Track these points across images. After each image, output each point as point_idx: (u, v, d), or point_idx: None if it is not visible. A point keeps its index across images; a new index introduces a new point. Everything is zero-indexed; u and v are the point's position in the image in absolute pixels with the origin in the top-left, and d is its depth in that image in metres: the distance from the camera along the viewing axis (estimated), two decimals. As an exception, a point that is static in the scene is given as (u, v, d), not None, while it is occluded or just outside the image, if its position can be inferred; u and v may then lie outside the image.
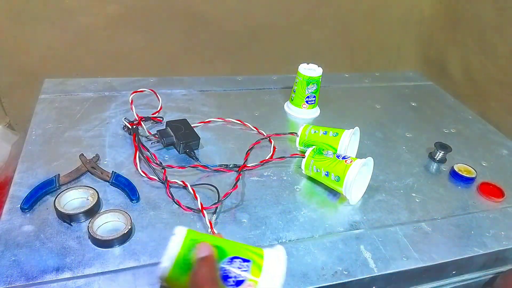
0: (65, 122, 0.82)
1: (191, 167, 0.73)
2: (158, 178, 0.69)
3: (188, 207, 0.64)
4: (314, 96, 0.95)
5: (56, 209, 0.59)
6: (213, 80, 1.07)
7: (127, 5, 1.06)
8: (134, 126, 0.79)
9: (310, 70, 0.92)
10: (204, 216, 0.62)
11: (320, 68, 0.94)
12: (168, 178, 0.69)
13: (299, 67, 0.94)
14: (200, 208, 0.63)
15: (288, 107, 0.98)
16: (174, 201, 0.65)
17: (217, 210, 0.65)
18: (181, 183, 0.69)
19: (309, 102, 0.95)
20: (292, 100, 0.97)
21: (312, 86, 0.93)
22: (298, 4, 1.21)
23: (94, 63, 1.12)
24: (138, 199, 0.65)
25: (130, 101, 0.83)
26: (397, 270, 0.60)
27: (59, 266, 0.53)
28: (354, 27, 1.31)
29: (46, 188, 0.63)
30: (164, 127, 0.81)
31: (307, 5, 1.22)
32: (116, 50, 1.12)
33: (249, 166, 0.76)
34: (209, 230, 0.60)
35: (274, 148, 0.83)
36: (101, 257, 0.55)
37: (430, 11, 1.34)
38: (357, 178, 0.67)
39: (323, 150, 0.75)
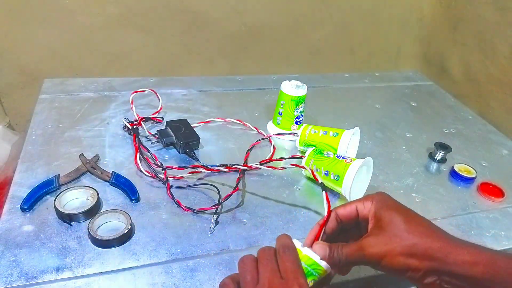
0: (65, 122, 0.82)
1: (191, 167, 0.73)
2: (159, 178, 0.69)
3: (188, 207, 0.64)
4: (302, 115, 0.86)
5: (56, 209, 0.59)
6: (213, 80, 1.07)
7: (127, 5, 1.06)
8: (134, 126, 0.79)
9: (296, 89, 0.82)
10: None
11: (304, 84, 0.84)
12: (168, 178, 0.69)
13: (281, 86, 0.83)
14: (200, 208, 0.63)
15: (274, 131, 0.87)
16: (174, 201, 0.65)
17: (218, 211, 0.65)
18: (182, 183, 0.68)
19: (298, 123, 0.86)
20: (278, 124, 0.86)
21: (301, 105, 0.84)
22: (298, 4, 1.21)
23: (94, 63, 1.12)
24: (138, 199, 0.65)
25: (130, 101, 0.83)
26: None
27: (59, 266, 0.53)
28: (354, 27, 1.31)
29: (46, 188, 0.64)
30: (164, 127, 0.81)
31: (307, 5, 1.22)
32: (116, 50, 1.12)
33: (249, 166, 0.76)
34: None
35: (274, 148, 0.83)
36: (101, 257, 0.55)
37: (430, 11, 1.34)
38: (356, 177, 0.67)
39: (323, 151, 0.75)
